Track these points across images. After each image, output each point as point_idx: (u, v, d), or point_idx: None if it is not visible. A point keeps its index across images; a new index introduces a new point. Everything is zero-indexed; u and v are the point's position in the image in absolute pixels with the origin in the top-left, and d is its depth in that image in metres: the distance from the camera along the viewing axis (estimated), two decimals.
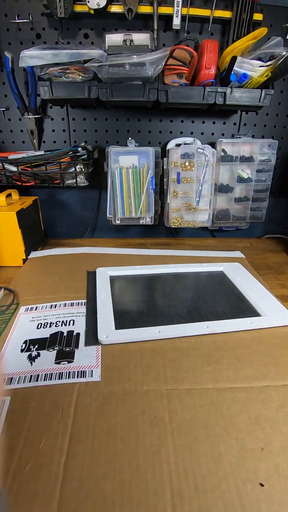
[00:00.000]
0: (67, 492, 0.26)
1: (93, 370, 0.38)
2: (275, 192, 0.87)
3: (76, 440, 0.30)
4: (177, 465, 0.28)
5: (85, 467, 0.28)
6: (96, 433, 0.31)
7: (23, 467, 0.28)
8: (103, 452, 0.29)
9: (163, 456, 0.29)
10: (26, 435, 0.31)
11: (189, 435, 0.31)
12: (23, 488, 0.26)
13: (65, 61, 0.59)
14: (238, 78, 0.64)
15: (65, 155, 0.71)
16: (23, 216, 0.66)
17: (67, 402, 0.34)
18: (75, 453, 0.29)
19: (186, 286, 0.61)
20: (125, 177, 0.75)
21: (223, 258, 0.73)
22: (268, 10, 0.67)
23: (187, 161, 0.74)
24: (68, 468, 0.28)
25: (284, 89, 0.77)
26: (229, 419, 0.33)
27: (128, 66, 0.61)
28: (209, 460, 0.29)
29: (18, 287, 0.58)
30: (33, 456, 0.29)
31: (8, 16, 0.66)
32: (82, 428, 0.31)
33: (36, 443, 0.30)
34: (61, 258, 0.71)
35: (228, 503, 0.25)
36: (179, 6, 0.62)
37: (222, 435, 0.31)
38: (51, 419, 0.32)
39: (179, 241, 0.87)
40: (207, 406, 0.34)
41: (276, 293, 0.58)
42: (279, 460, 0.29)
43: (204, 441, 0.30)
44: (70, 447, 0.29)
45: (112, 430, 0.31)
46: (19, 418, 0.32)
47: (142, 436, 0.31)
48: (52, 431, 0.31)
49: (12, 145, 0.79)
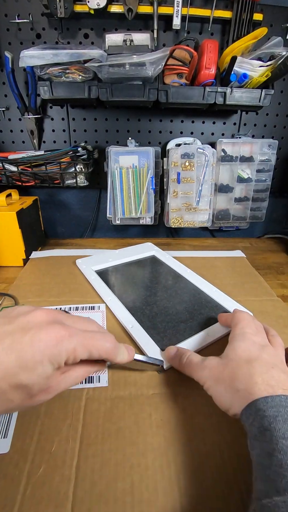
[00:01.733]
0: (80, 493, 0.27)
1: (101, 376, 0.38)
2: (275, 192, 0.87)
3: (86, 443, 0.31)
4: (184, 465, 0.29)
5: (96, 469, 0.29)
6: (106, 436, 0.31)
7: (37, 470, 0.28)
8: (113, 454, 0.30)
9: (170, 457, 0.30)
10: (38, 439, 0.31)
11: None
12: (38, 490, 0.27)
13: (65, 61, 0.59)
14: (238, 78, 0.64)
15: (65, 155, 0.71)
16: (23, 216, 0.66)
17: (76, 407, 0.34)
18: (86, 456, 0.30)
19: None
20: (125, 177, 0.75)
21: (223, 258, 0.73)
22: (268, 10, 0.67)
23: (187, 161, 0.74)
24: (79, 470, 0.28)
25: (284, 89, 0.77)
26: (233, 419, 0.33)
27: (128, 66, 0.61)
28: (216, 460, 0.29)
29: (20, 288, 0.58)
30: (45, 460, 0.29)
31: (8, 16, 0.66)
32: (92, 432, 0.32)
33: (48, 447, 0.30)
34: (63, 259, 0.70)
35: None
36: (179, 6, 0.62)
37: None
38: (62, 424, 0.33)
39: (179, 241, 0.87)
40: (213, 407, 0.34)
41: (276, 293, 0.58)
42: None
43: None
44: (81, 450, 0.30)
45: (121, 433, 0.32)
46: (30, 422, 0.33)
47: (150, 438, 0.31)
48: (63, 435, 0.31)
49: (12, 145, 0.79)
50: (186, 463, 0.29)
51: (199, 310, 0.51)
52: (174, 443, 0.31)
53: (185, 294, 0.55)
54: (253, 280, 0.62)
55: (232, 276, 0.64)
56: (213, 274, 0.62)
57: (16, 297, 0.55)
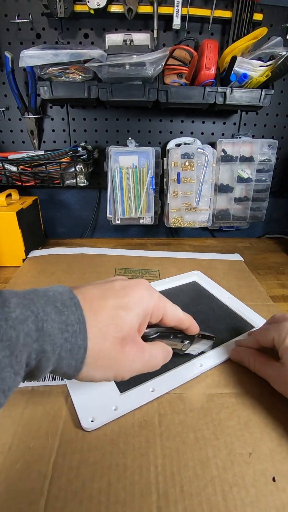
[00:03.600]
0: (54, 491, 0.26)
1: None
2: (275, 192, 0.87)
3: (66, 440, 0.30)
4: (164, 467, 0.28)
5: (74, 467, 0.28)
6: (86, 435, 0.31)
7: (14, 465, 0.28)
8: (91, 453, 0.29)
9: (150, 458, 0.29)
10: (17, 433, 0.31)
11: (178, 438, 0.31)
12: (12, 486, 0.27)
13: (65, 61, 0.59)
14: (238, 78, 0.64)
15: (65, 155, 0.71)
16: (23, 216, 0.66)
17: (59, 403, 0.34)
18: (65, 453, 0.29)
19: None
20: (125, 177, 0.75)
21: (222, 261, 0.72)
22: (268, 10, 0.67)
23: (187, 161, 0.74)
24: (56, 467, 0.28)
25: (284, 89, 0.77)
26: (218, 423, 0.33)
27: (128, 66, 0.61)
28: (197, 463, 0.29)
29: (17, 286, 0.58)
30: (22, 455, 0.29)
31: (8, 16, 0.66)
32: (73, 429, 0.32)
33: (27, 442, 0.30)
34: (60, 258, 0.71)
35: (214, 506, 0.25)
36: (179, 6, 0.62)
37: (210, 439, 0.31)
38: (43, 420, 0.33)
39: (179, 241, 0.87)
40: (197, 411, 0.34)
41: (276, 293, 0.58)
42: (266, 465, 0.29)
43: (192, 444, 0.30)
44: (60, 446, 0.30)
45: (101, 432, 0.31)
46: (10, 416, 0.33)
47: (131, 438, 0.31)
48: (43, 431, 0.31)
49: (12, 145, 0.79)
50: (167, 465, 0.29)
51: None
52: (155, 444, 0.30)
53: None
54: (249, 284, 0.62)
55: (228, 279, 0.63)
56: (211, 277, 0.62)
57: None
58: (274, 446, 0.30)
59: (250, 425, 0.32)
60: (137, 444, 0.30)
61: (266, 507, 0.26)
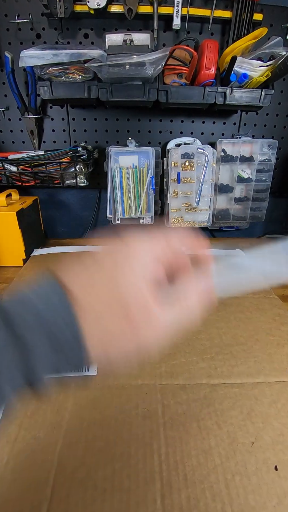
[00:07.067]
0: (60, 479, 0.27)
1: (90, 365, 0.38)
2: (275, 192, 0.87)
3: (71, 430, 0.31)
4: (167, 456, 0.29)
5: (79, 456, 0.29)
6: (91, 425, 0.31)
7: (21, 455, 0.28)
8: (96, 443, 0.30)
9: (154, 447, 0.30)
10: (25, 424, 0.31)
11: (181, 428, 0.31)
12: (18, 475, 0.27)
13: (65, 61, 0.59)
14: (238, 78, 0.64)
15: (65, 155, 0.71)
16: (23, 216, 0.66)
17: (64, 395, 0.35)
18: (70, 443, 0.30)
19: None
20: (125, 177, 0.75)
21: (224, 256, 0.72)
22: (268, 10, 0.67)
23: (187, 161, 0.74)
24: (62, 456, 0.29)
25: (284, 89, 0.77)
26: (221, 413, 0.33)
27: (128, 66, 0.61)
28: (199, 452, 0.29)
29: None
30: (29, 445, 0.29)
31: (8, 16, 0.66)
32: (78, 419, 0.32)
33: (33, 433, 0.31)
34: (63, 256, 0.71)
35: (216, 494, 0.26)
36: (179, 6, 0.62)
37: (213, 428, 0.31)
38: (49, 410, 0.33)
39: None
40: (200, 401, 0.34)
41: (276, 293, 0.58)
42: (268, 454, 0.29)
43: (195, 434, 0.31)
44: (65, 437, 0.30)
45: (106, 422, 0.32)
46: (16, 408, 0.33)
47: (135, 428, 0.31)
48: (48, 422, 0.32)
49: (12, 145, 0.79)
50: (170, 454, 0.29)
51: None
52: (159, 434, 0.31)
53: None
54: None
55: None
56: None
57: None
58: (276, 436, 0.31)
59: (252, 415, 0.33)
60: (141, 434, 0.31)
61: (267, 495, 0.26)
